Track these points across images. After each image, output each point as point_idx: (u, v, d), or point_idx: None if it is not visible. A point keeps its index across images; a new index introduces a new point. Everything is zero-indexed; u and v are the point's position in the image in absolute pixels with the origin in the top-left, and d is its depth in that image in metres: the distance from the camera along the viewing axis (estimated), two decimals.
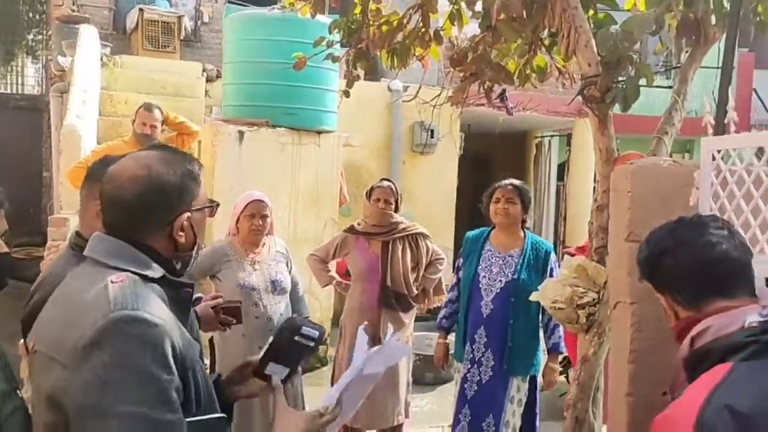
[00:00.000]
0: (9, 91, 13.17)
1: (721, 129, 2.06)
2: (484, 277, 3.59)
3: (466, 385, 3.58)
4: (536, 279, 3.47)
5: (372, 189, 4.15)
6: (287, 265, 3.76)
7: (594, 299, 2.42)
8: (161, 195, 1.40)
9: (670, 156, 2.63)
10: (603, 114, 2.44)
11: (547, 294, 2.52)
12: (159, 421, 1.21)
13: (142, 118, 4.73)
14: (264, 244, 3.67)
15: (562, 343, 3.62)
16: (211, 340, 3.52)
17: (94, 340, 1.21)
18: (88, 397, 1.19)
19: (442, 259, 4.32)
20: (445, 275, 4.38)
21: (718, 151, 2.00)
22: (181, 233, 1.43)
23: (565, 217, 10.54)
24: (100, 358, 1.20)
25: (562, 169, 10.77)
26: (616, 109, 2.52)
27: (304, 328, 1.61)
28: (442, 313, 3.88)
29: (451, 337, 3.91)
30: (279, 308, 3.61)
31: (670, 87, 2.78)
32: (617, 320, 2.18)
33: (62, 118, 6.17)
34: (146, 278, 1.36)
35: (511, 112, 4.19)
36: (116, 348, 1.21)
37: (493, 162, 11.42)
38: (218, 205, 1.55)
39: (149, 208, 1.40)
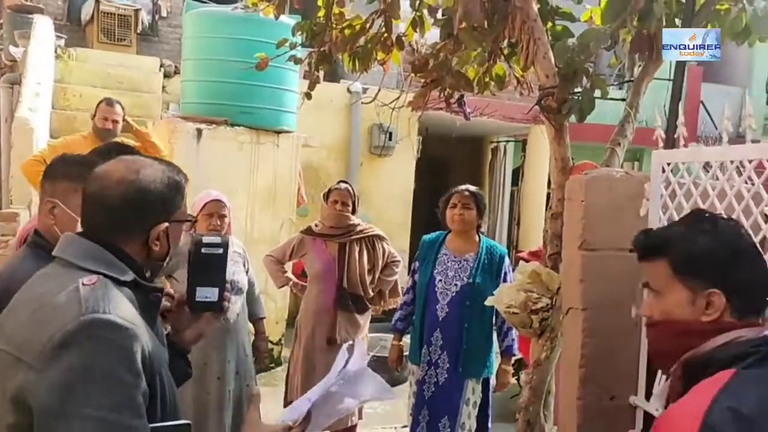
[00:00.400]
0: None
1: (671, 142, 2.14)
2: (440, 281, 3.63)
3: (424, 387, 3.62)
4: (491, 283, 3.53)
5: (329, 191, 4.16)
6: (244, 265, 3.75)
7: (547, 305, 2.49)
8: (146, 202, 1.40)
9: (622, 166, 2.72)
10: (559, 124, 2.51)
11: (502, 299, 2.58)
12: (123, 426, 1.21)
13: (103, 112, 4.62)
14: None
15: (515, 346, 3.69)
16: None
17: (63, 342, 1.20)
18: (53, 399, 1.18)
19: (398, 261, 4.35)
20: (401, 277, 4.42)
21: (668, 164, 2.08)
22: (157, 242, 1.43)
23: (518, 222, 10.70)
24: (67, 361, 1.19)
25: (517, 174, 10.93)
26: (571, 119, 2.60)
27: (204, 239, 1.57)
28: (397, 315, 3.92)
29: (406, 339, 3.95)
30: (236, 308, 3.59)
31: (623, 99, 2.87)
32: (569, 326, 2.24)
33: (13, 111, 6.01)
34: (117, 281, 1.35)
35: (468, 117, 4.26)
36: (85, 351, 1.20)
37: (449, 166, 11.53)
38: (196, 221, 1.55)
39: (131, 213, 1.40)
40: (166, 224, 1.44)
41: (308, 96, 3.45)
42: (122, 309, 1.29)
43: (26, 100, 5.66)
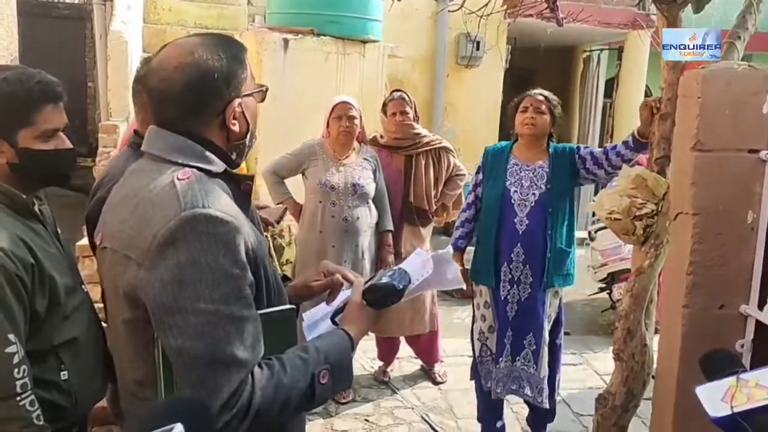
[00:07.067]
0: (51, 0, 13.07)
1: None
2: (515, 192, 3.35)
3: (507, 307, 3.38)
4: (568, 184, 3.34)
5: (385, 104, 4.09)
6: (374, 173, 3.80)
7: (652, 210, 2.36)
8: (210, 82, 1.33)
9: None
10: (674, 16, 2.32)
11: (603, 204, 2.47)
12: (234, 317, 1.23)
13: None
14: (354, 149, 3.78)
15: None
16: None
17: (168, 239, 1.22)
18: (166, 296, 1.21)
19: (463, 174, 4.29)
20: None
21: None
22: (234, 121, 1.38)
23: (612, 135, 10.27)
24: (175, 258, 1.21)
25: (610, 85, 10.43)
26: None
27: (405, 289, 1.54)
28: (458, 233, 3.62)
29: (467, 256, 3.67)
30: (357, 212, 3.69)
31: None
32: (677, 231, 2.13)
33: (107, 27, 6.13)
34: (209, 173, 1.34)
35: (561, 22, 4.03)
36: (190, 247, 1.21)
37: (538, 77, 11.09)
38: (267, 89, 1.49)
39: (199, 98, 1.34)
40: (239, 100, 1.38)
41: None
42: (221, 202, 1.28)
43: (119, 13, 5.76)
